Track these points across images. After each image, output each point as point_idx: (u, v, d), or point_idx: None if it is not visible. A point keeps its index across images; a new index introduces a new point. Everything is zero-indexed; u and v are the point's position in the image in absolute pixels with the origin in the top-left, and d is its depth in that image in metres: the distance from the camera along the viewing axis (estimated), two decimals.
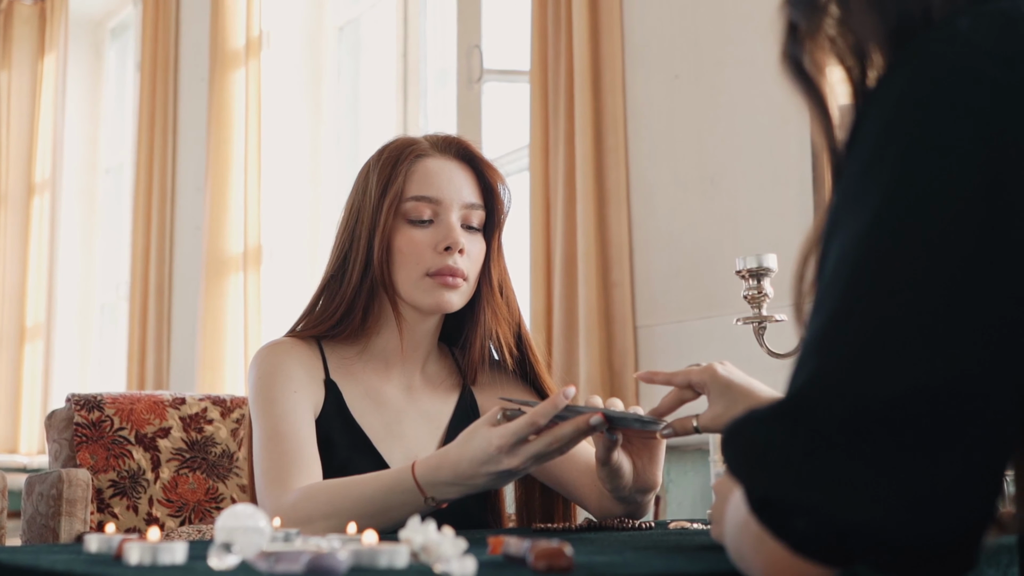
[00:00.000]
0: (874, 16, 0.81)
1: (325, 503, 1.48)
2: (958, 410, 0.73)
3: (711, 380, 1.39)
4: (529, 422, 1.36)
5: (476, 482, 1.41)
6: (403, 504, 1.45)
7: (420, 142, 1.73)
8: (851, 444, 0.74)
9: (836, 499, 0.74)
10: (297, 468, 1.56)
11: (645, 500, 1.58)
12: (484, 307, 1.74)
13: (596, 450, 1.51)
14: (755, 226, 2.72)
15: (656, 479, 1.54)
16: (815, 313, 0.79)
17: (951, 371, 0.73)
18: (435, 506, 1.45)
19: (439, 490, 1.43)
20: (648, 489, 1.55)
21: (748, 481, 0.79)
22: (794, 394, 0.77)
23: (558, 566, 0.85)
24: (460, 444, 1.41)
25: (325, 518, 1.46)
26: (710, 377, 1.39)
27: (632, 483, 1.52)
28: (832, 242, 0.79)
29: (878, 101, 0.79)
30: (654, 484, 1.55)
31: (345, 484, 1.50)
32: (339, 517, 1.46)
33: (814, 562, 0.77)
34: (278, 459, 1.57)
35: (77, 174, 6.05)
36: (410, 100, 4.19)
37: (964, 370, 0.73)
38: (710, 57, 2.86)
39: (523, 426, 1.36)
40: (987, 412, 0.73)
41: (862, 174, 0.78)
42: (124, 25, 6.14)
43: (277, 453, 1.58)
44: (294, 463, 1.57)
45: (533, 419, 1.36)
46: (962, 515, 0.74)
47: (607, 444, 1.48)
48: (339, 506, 1.47)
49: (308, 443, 1.61)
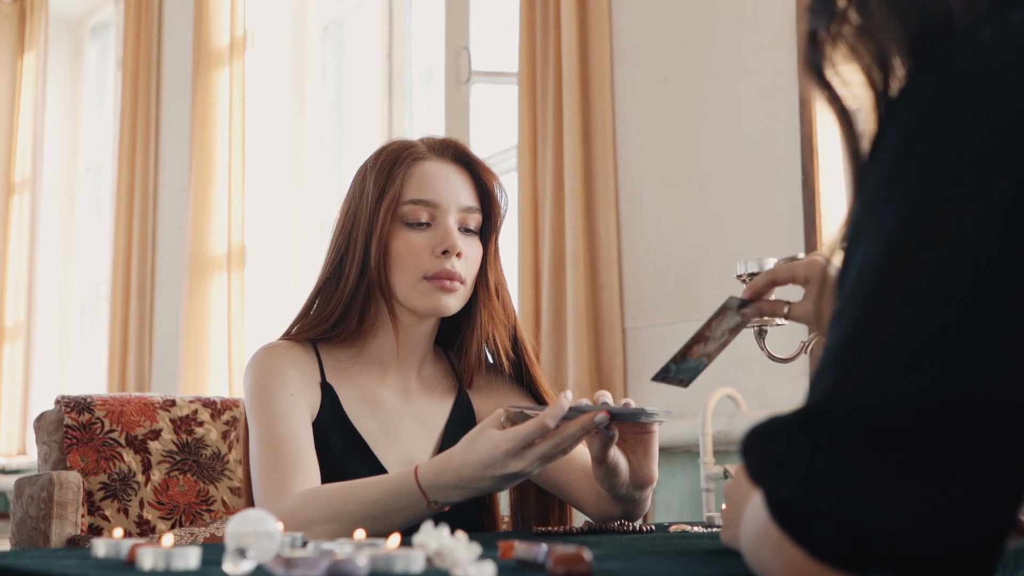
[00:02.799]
0: (895, 24, 0.82)
1: (326, 507, 1.48)
2: (980, 419, 0.74)
3: (816, 273, 1.39)
4: (538, 425, 1.37)
5: (481, 485, 1.41)
6: (405, 508, 1.45)
7: (417, 145, 1.72)
8: (873, 452, 0.74)
9: (857, 506, 0.74)
10: (296, 472, 1.56)
11: (643, 497, 1.59)
12: (481, 310, 1.74)
13: (591, 450, 1.52)
14: (743, 229, 2.73)
15: (653, 473, 1.55)
16: (837, 322, 0.79)
17: (974, 380, 0.73)
18: (437, 509, 1.45)
19: (442, 493, 1.43)
20: (645, 484, 1.55)
21: (769, 487, 0.79)
22: (816, 402, 0.77)
23: (577, 571, 0.85)
24: (464, 448, 1.42)
25: (326, 522, 1.46)
26: (817, 270, 1.39)
27: (629, 479, 1.53)
28: (854, 250, 0.79)
29: (901, 110, 0.79)
30: (651, 479, 1.55)
31: (346, 488, 1.49)
32: (340, 521, 1.45)
33: (834, 568, 0.77)
34: (276, 463, 1.56)
35: (57, 173, 6.02)
36: (395, 100, 4.18)
37: (987, 379, 0.73)
38: (699, 60, 2.87)
39: (532, 429, 1.37)
40: (1009, 421, 0.74)
41: (885, 183, 0.78)
42: (104, 24, 6.12)
43: (275, 457, 1.57)
44: (293, 467, 1.56)
45: (542, 422, 1.37)
46: (983, 523, 0.74)
47: (603, 442, 1.48)
48: (340, 510, 1.47)
49: (306, 446, 1.60)
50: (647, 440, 1.53)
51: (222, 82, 4.59)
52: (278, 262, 4.56)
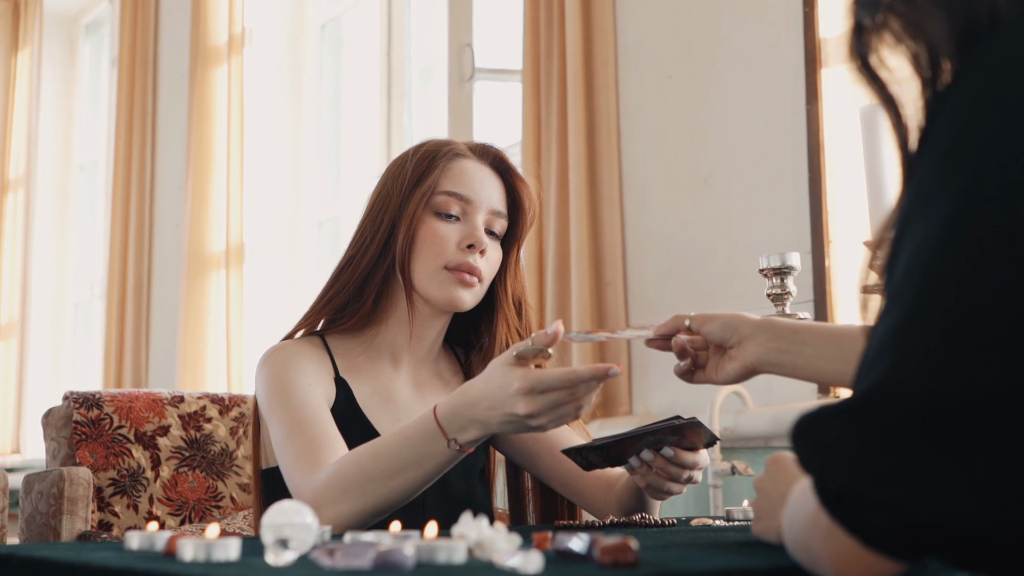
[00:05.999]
0: (941, 16, 0.82)
1: (356, 471, 1.45)
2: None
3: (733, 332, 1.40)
4: (564, 378, 1.34)
5: (490, 422, 1.39)
6: (429, 455, 1.43)
7: (459, 144, 1.77)
8: (928, 439, 0.74)
9: (913, 494, 0.74)
10: (325, 449, 1.54)
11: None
12: (500, 321, 1.77)
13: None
14: (749, 226, 2.73)
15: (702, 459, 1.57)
16: (888, 310, 0.79)
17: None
18: (458, 451, 1.43)
19: (460, 428, 1.41)
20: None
21: (820, 476, 0.79)
22: (868, 390, 0.77)
23: (625, 561, 0.85)
24: (481, 380, 1.40)
25: (359, 485, 1.43)
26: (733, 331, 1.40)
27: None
28: (904, 239, 0.80)
29: (953, 100, 0.79)
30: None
31: (369, 446, 1.48)
32: (372, 481, 1.43)
33: (887, 556, 0.78)
34: (305, 446, 1.54)
35: (51, 171, 5.99)
36: (394, 98, 4.18)
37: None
38: (703, 57, 2.87)
39: (554, 378, 1.34)
40: None
41: (936, 173, 0.78)
42: (99, 21, 6.10)
43: (302, 440, 1.55)
44: (322, 445, 1.54)
45: (570, 378, 1.34)
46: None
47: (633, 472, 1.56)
48: (369, 470, 1.45)
49: (330, 426, 1.59)
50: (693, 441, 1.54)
51: (220, 80, 4.58)
52: (276, 260, 4.55)
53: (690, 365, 1.46)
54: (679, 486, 1.54)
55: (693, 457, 1.53)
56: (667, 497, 1.57)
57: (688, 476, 1.53)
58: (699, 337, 1.44)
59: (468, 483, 1.76)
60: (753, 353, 1.36)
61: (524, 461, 1.81)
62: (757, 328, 1.37)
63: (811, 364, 1.33)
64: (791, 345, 1.34)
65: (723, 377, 1.41)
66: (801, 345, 1.33)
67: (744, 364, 1.37)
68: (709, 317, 1.41)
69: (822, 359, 1.32)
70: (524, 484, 1.89)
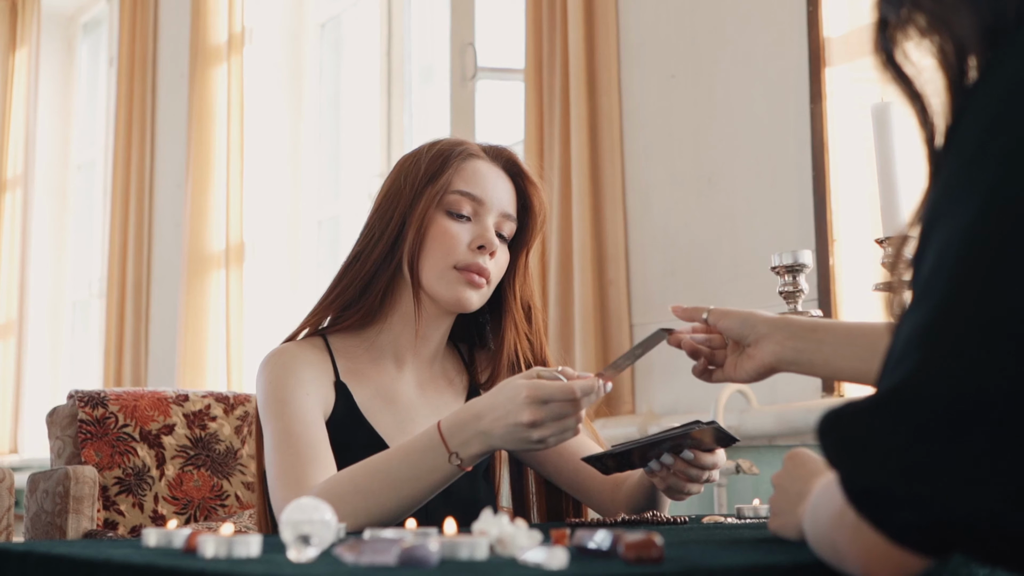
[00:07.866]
0: (968, 11, 0.82)
1: (349, 487, 1.44)
2: None
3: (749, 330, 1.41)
4: (564, 389, 1.36)
5: (494, 435, 1.39)
6: (428, 470, 1.42)
7: (473, 144, 1.76)
8: (957, 435, 0.74)
9: (942, 490, 0.74)
10: (313, 467, 1.53)
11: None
12: (509, 324, 1.77)
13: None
14: (752, 225, 2.73)
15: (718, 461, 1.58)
16: (916, 305, 0.79)
17: None
18: (458, 466, 1.42)
19: (462, 442, 1.41)
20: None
21: (848, 472, 0.79)
22: (896, 385, 0.77)
23: (649, 556, 0.85)
24: (489, 395, 1.41)
25: (351, 503, 1.41)
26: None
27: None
28: (931, 235, 0.79)
29: (980, 96, 0.79)
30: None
31: (367, 460, 1.47)
32: (364, 496, 1.42)
33: (915, 552, 0.77)
34: (292, 460, 1.53)
35: (49, 170, 5.98)
36: (394, 97, 4.17)
37: None
38: (707, 56, 2.87)
39: (557, 390, 1.36)
40: None
41: (965, 168, 0.78)
42: (97, 20, 6.09)
43: (291, 454, 1.54)
44: (310, 463, 1.53)
45: (569, 389, 1.36)
46: None
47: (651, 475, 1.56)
48: (363, 485, 1.44)
49: (322, 443, 1.58)
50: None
51: (220, 79, 4.58)
52: (276, 259, 4.54)
53: (705, 364, 1.46)
54: (698, 486, 1.55)
55: (712, 458, 1.54)
56: (686, 497, 1.57)
57: (707, 476, 1.54)
58: (716, 335, 1.44)
59: (472, 483, 1.75)
60: (771, 352, 1.36)
61: (531, 459, 1.81)
62: (774, 326, 1.37)
63: (829, 362, 1.33)
64: (808, 344, 1.34)
65: (742, 376, 1.41)
66: (819, 343, 1.34)
67: (762, 363, 1.38)
68: (726, 313, 1.41)
69: (839, 357, 1.32)
70: (528, 483, 1.89)
